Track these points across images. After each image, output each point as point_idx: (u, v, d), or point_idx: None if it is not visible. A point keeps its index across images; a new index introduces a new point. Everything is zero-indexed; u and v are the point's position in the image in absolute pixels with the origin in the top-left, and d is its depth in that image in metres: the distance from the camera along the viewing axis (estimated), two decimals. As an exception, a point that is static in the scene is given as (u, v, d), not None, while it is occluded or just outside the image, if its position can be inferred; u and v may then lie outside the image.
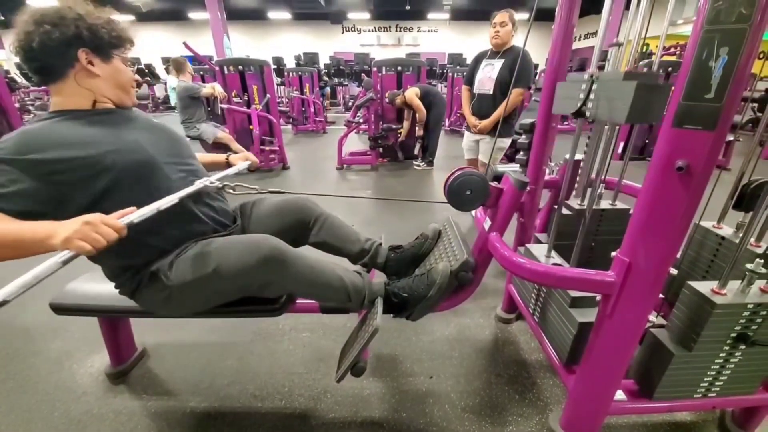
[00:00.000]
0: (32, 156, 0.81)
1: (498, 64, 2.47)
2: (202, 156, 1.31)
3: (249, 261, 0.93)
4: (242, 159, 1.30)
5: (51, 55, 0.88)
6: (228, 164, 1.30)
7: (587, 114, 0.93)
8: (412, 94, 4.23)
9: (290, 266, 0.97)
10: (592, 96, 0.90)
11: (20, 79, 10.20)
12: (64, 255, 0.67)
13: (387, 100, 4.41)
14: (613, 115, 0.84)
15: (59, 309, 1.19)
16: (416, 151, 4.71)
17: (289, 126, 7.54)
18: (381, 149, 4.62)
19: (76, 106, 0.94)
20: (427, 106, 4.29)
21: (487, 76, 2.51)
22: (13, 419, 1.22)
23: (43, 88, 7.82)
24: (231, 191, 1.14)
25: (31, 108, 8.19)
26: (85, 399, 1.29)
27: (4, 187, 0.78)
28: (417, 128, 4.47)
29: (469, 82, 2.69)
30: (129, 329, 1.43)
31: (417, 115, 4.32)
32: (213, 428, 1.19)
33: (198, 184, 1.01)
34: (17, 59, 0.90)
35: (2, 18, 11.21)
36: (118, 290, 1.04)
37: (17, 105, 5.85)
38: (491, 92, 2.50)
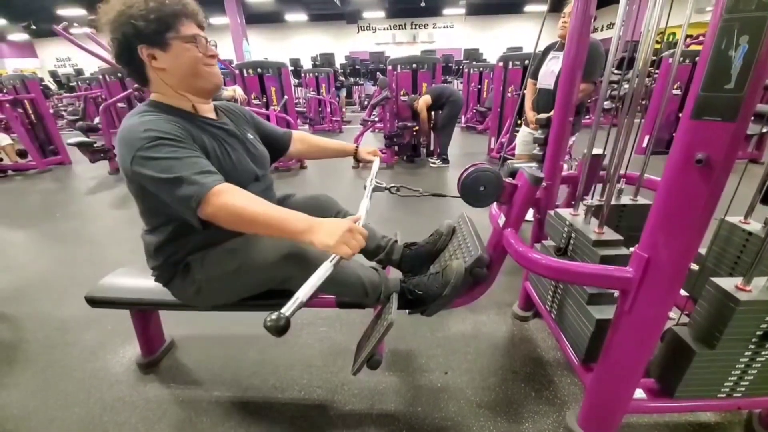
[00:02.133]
0: (178, 133, 0.86)
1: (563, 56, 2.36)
2: (328, 140, 1.38)
3: (273, 255, 0.97)
4: (372, 154, 1.37)
5: (125, 61, 0.90)
6: (356, 157, 1.37)
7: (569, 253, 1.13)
8: (423, 103, 4.24)
9: (311, 260, 1.00)
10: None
11: (53, 87, 10.75)
12: (334, 258, 0.75)
13: (407, 102, 4.42)
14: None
15: (94, 302, 1.26)
16: (431, 149, 4.69)
17: (307, 126, 7.65)
18: (396, 147, 4.63)
19: (176, 104, 0.95)
20: (441, 106, 4.27)
21: (550, 70, 2.34)
22: (52, 404, 1.31)
23: (74, 95, 8.23)
24: (396, 193, 1.21)
25: (64, 113, 8.62)
26: (118, 387, 1.37)
27: (202, 159, 0.86)
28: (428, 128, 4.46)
29: (535, 75, 2.49)
30: (158, 322, 1.51)
31: (420, 119, 4.35)
32: (236, 417, 1.24)
33: (369, 189, 1.09)
34: (50, 68, 0.94)
35: (34, 27, 11.79)
36: (154, 278, 1.10)
37: (51, 111, 6.18)
38: (551, 87, 2.32)
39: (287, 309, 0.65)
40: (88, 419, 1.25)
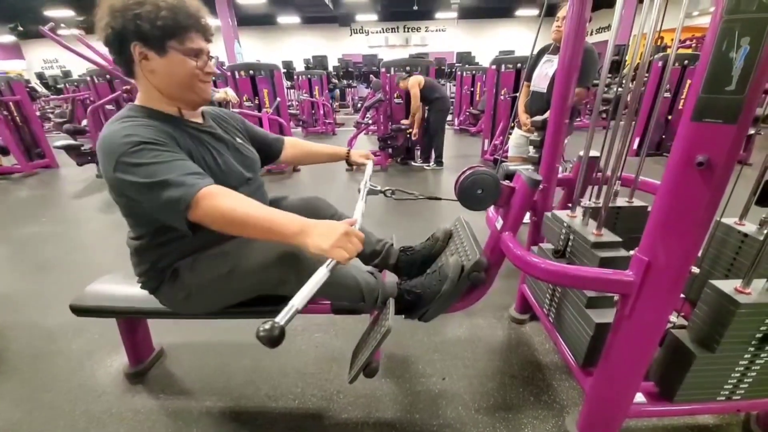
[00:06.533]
0: (161, 137, 0.83)
1: (557, 60, 2.37)
2: (322, 146, 1.35)
3: (266, 258, 0.94)
4: (364, 158, 1.33)
5: (114, 51, 0.86)
6: (348, 160, 1.34)
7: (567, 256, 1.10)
8: (414, 81, 4.06)
9: (305, 263, 0.98)
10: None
11: (40, 89, 10.56)
12: (330, 263, 0.72)
13: (396, 81, 4.28)
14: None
15: (79, 310, 1.22)
16: (421, 154, 4.67)
17: (300, 128, 7.61)
18: (390, 150, 4.62)
19: (161, 108, 0.91)
20: (430, 102, 4.19)
21: (544, 73, 2.34)
22: (36, 416, 1.26)
23: (61, 97, 8.09)
24: (390, 196, 1.16)
25: (51, 116, 8.46)
26: (105, 398, 1.33)
27: (186, 160, 0.83)
28: (416, 127, 4.35)
29: (529, 78, 2.48)
30: (147, 330, 1.47)
31: (411, 106, 4.18)
32: (228, 427, 1.21)
33: (364, 192, 1.04)
34: (37, 69, 0.91)
35: (22, 29, 11.60)
36: (140, 285, 1.06)
37: (38, 113, 6.06)
38: (544, 90, 2.32)
39: (281, 317, 0.62)
40: (73, 433, 1.20)
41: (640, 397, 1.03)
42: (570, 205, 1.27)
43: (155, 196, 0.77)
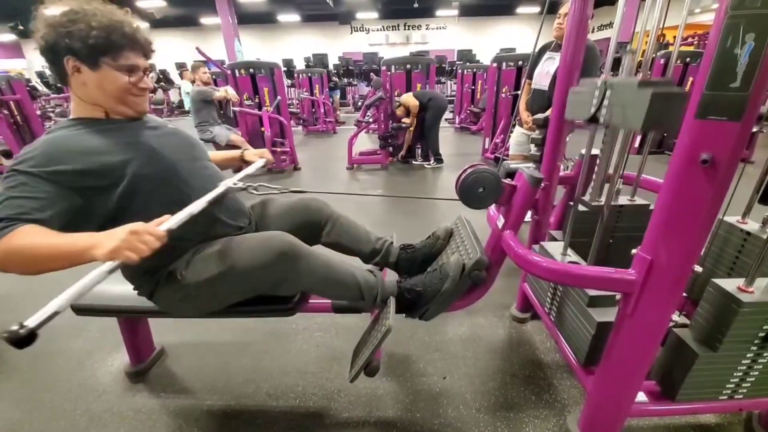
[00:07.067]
0: (57, 167, 0.81)
1: (559, 57, 2.35)
2: (216, 153, 1.31)
3: (263, 257, 0.93)
4: (258, 156, 1.28)
5: (49, 61, 0.88)
6: (243, 160, 1.29)
7: (601, 120, 0.90)
8: (406, 96, 4.30)
9: (304, 262, 0.97)
10: (605, 103, 0.86)
11: (41, 88, 10.55)
12: (109, 265, 0.69)
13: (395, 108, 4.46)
14: (627, 123, 0.81)
15: (79, 310, 1.22)
16: (421, 152, 4.68)
17: (300, 127, 7.59)
18: (391, 148, 4.61)
19: (89, 115, 0.93)
20: (426, 104, 4.27)
21: (545, 71, 2.30)
22: (37, 416, 1.26)
23: (62, 95, 8.08)
24: (254, 192, 1.12)
25: (51, 115, 8.45)
26: (106, 397, 1.33)
27: (38, 200, 0.79)
28: (413, 128, 4.45)
29: (531, 75, 2.44)
30: (147, 329, 1.46)
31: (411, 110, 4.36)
32: (229, 427, 1.21)
33: (222, 186, 0.99)
34: (38, 68, 0.91)
35: (21, 28, 11.58)
36: (137, 292, 1.06)
37: (38, 112, 6.05)
38: (546, 88, 2.29)
39: (34, 320, 0.60)
40: (74, 431, 1.20)
41: (641, 397, 1.03)
42: (572, 203, 1.26)
43: None
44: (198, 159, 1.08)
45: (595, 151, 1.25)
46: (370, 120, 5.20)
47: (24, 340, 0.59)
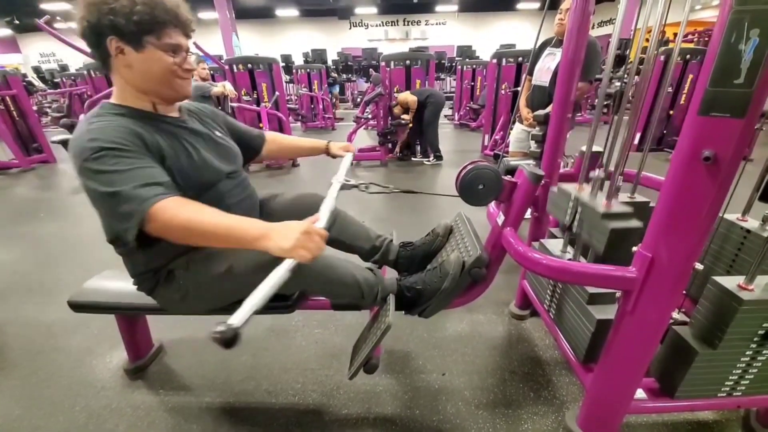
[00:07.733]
0: (128, 141, 0.80)
1: (560, 53, 2.33)
2: (300, 139, 1.33)
3: (262, 257, 0.92)
4: (344, 150, 1.28)
5: (91, 44, 0.84)
6: (328, 153, 1.30)
7: (574, 231, 1.02)
8: (404, 95, 4.29)
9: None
10: (578, 216, 1.00)
11: (37, 83, 10.47)
12: (289, 264, 0.70)
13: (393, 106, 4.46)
14: (594, 245, 0.93)
15: (77, 306, 1.21)
16: (421, 149, 4.68)
17: (299, 123, 7.56)
18: (390, 145, 4.59)
19: (136, 105, 0.89)
20: (425, 101, 4.27)
21: (546, 67, 2.28)
22: (36, 413, 1.26)
23: (58, 91, 8.02)
24: (365, 190, 1.14)
25: (48, 110, 8.40)
26: (105, 394, 1.32)
27: (156, 168, 0.81)
28: (412, 126, 4.46)
29: (531, 72, 2.40)
30: (146, 326, 1.46)
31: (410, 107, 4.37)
32: (228, 423, 1.20)
33: (336, 184, 1.00)
34: (34, 63, 0.89)
35: (18, 22, 11.47)
36: (137, 287, 1.05)
37: (35, 107, 6.01)
38: (546, 84, 2.27)
39: (238, 319, 0.60)
40: (73, 428, 1.20)
41: (640, 393, 1.03)
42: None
43: (109, 207, 0.76)
44: (236, 165, 1.07)
45: (595, 148, 1.24)
46: (369, 116, 5.18)
47: (232, 339, 0.59)
